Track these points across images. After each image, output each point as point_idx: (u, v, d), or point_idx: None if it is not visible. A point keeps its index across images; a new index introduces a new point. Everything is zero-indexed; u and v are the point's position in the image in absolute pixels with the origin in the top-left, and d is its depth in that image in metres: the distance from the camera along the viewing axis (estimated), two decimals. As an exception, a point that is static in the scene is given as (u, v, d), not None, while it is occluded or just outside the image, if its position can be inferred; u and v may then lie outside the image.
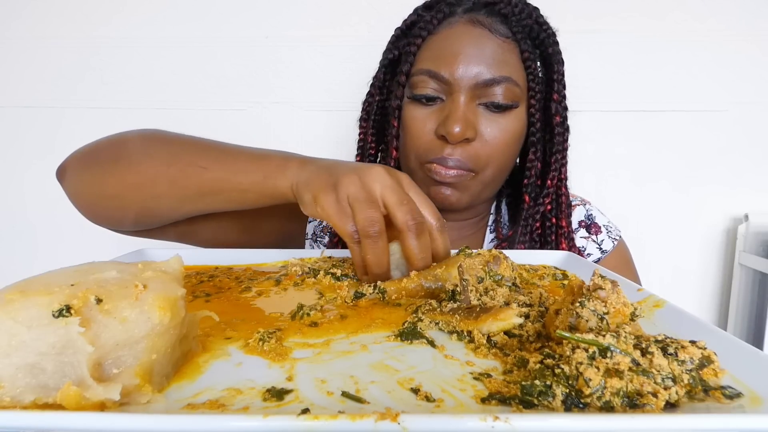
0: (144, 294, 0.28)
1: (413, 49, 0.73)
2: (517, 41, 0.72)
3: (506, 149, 0.72)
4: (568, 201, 0.80)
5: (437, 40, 0.72)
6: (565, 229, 0.78)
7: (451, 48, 0.70)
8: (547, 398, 0.26)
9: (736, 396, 0.27)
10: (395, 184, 0.49)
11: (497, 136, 0.71)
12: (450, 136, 0.68)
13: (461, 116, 0.68)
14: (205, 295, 0.48)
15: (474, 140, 0.70)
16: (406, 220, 0.48)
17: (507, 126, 0.71)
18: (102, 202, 0.65)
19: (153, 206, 0.63)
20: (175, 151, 0.62)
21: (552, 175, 0.77)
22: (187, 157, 0.60)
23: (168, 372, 0.29)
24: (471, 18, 0.72)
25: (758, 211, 1.31)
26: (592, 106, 1.31)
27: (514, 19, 0.72)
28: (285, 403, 0.27)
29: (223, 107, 1.35)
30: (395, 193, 0.49)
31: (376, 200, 0.49)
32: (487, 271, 0.48)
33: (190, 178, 0.59)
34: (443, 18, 0.74)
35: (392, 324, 0.40)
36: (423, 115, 0.72)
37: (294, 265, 0.58)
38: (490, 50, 0.69)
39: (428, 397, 0.27)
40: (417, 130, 0.72)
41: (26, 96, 1.36)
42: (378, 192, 0.49)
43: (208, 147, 0.62)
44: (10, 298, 0.26)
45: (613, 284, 0.33)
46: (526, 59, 0.72)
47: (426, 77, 0.71)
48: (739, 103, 1.31)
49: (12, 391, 0.25)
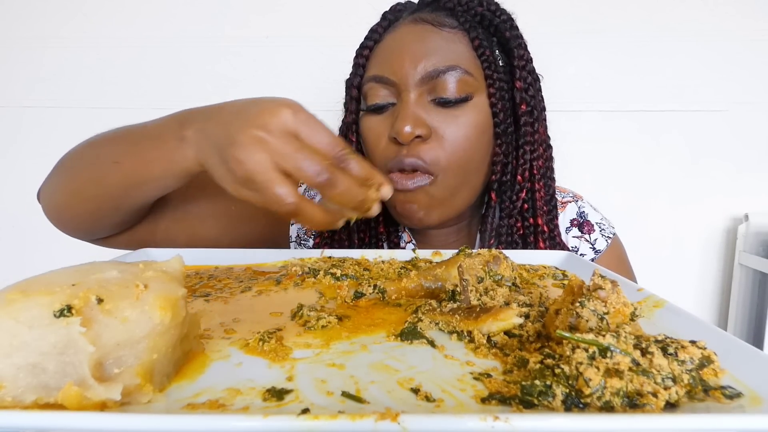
0: (145, 294, 0.28)
1: (362, 61, 0.72)
2: (466, 30, 0.68)
3: (467, 145, 0.67)
4: (549, 198, 0.74)
5: (383, 47, 0.71)
6: (542, 228, 0.72)
7: (395, 48, 0.68)
8: (547, 398, 0.26)
9: (736, 396, 0.27)
10: (283, 133, 0.44)
11: (455, 132, 0.66)
12: (400, 135, 0.64)
13: (410, 114, 0.64)
14: (205, 295, 0.48)
15: (429, 138, 0.65)
16: (314, 177, 0.43)
17: (465, 120, 0.66)
18: (60, 213, 0.65)
19: (95, 209, 0.61)
20: (97, 151, 0.60)
21: (522, 170, 0.71)
22: (105, 153, 0.58)
23: (169, 372, 0.29)
24: (415, 18, 0.70)
25: (758, 211, 1.31)
26: (592, 106, 1.31)
27: (460, 10, 0.69)
28: (285, 403, 0.27)
29: (224, 107, 1.35)
30: (289, 152, 0.43)
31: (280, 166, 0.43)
32: (487, 271, 0.48)
33: (109, 175, 0.57)
34: (389, 25, 0.72)
35: (392, 324, 0.40)
36: (376, 123, 0.70)
37: (294, 265, 0.58)
38: (434, 43, 0.66)
39: (428, 397, 0.27)
40: (373, 139, 0.70)
41: (26, 96, 1.36)
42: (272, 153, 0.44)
43: (121, 138, 0.59)
44: (12, 298, 0.26)
45: (613, 284, 0.33)
46: (477, 47, 0.67)
47: (374, 83, 0.69)
48: (739, 103, 1.31)
49: (13, 391, 0.25)
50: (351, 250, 0.67)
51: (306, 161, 0.43)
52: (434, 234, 0.80)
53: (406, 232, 0.83)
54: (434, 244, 0.81)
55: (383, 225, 0.80)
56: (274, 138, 0.43)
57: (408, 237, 0.83)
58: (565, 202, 0.84)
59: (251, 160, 0.42)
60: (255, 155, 0.43)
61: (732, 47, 1.29)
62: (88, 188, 0.60)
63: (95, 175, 0.59)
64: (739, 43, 1.28)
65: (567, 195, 0.85)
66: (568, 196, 0.85)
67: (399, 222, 0.75)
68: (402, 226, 0.82)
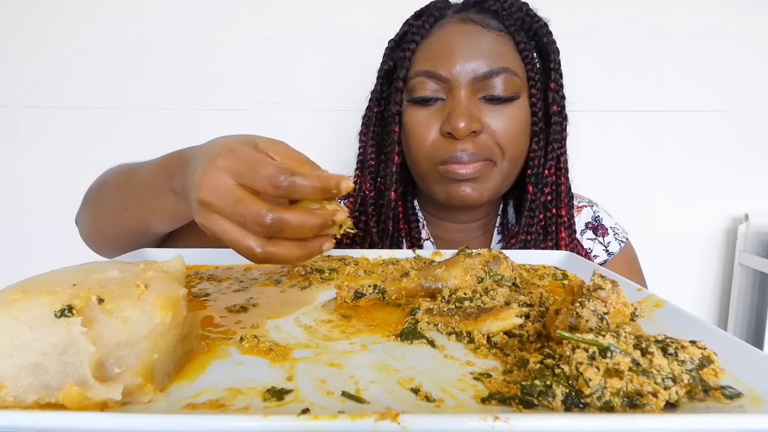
0: (146, 294, 0.28)
1: (408, 54, 0.73)
2: (511, 34, 0.72)
3: (516, 138, 0.72)
4: (569, 191, 0.79)
5: (431, 43, 0.73)
6: (564, 218, 0.77)
7: (446, 47, 0.70)
8: (547, 398, 0.26)
9: (736, 396, 0.27)
10: (225, 189, 0.38)
11: (504, 126, 0.70)
12: (456, 131, 0.67)
13: (464, 110, 0.68)
14: (205, 295, 0.48)
15: (481, 133, 0.70)
16: (263, 227, 0.37)
17: (512, 116, 0.71)
18: (92, 242, 0.72)
19: (120, 241, 0.66)
20: (111, 195, 0.65)
21: (549, 164, 0.76)
22: (117, 200, 0.63)
23: (170, 371, 0.29)
24: (462, 17, 0.73)
25: (758, 211, 1.30)
26: (592, 106, 1.31)
27: (504, 14, 0.73)
28: (285, 403, 0.27)
29: (224, 107, 1.35)
30: (229, 208, 0.38)
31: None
32: (487, 271, 0.48)
33: (125, 219, 0.62)
34: (435, 21, 0.74)
35: (392, 324, 0.40)
36: (425, 117, 0.72)
37: (295, 265, 0.58)
38: (485, 44, 0.70)
39: (428, 397, 0.27)
40: (421, 132, 0.72)
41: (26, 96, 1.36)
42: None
43: (126, 186, 0.61)
44: (13, 298, 0.26)
45: (613, 284, 0.33)
46: (522, 50, 0.72)
47: (424, 78, 0.71)
48: (739, 103, 1.31)
49: (15, 391, 0.25)
50: (351, 249, 0.67)
51: (247, 215, 0.37)
52: (453, 229, 0.84)
53: (425, 230, 0.85)
54: (454, 241, 0.83)
55: (404, 221, 0.82)
56: (220, 196, 0.38)
57: (426, 235, 0.84)
58: (581, 207, 0.87)
59: (210, 224, 0.39)
60: (208, 217, 0.39)
61: (732, 47, 1.28)
62: (109, 228, 0.66)
63: (113, 218, 0.64)
64: (739, 43, 1.28)
65: (583, 200, 0.88)
66: (584, 201, 0.88)
67: (446, 204, 0.77)
68: (422, 224, 0.85)
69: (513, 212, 0.84)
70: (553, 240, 0.76)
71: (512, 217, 0.84)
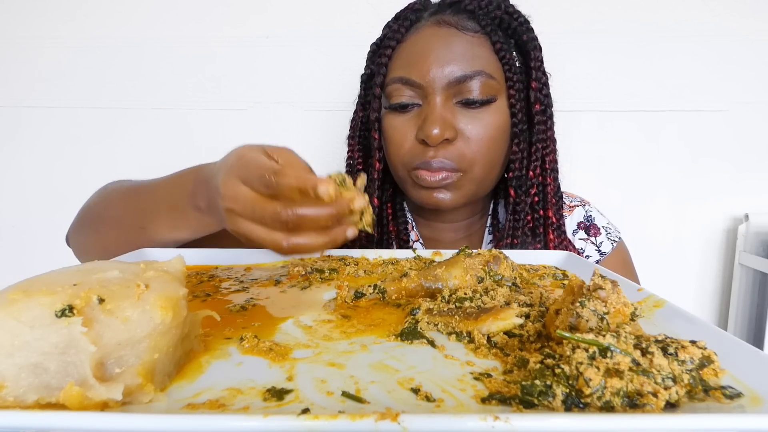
0: (146, 294, 0.28)
1: (384, 60, 0.73)
2: (488, 34, 0.71)
3: (491, 144, 0.71)
4: (557, 192, 0.78)
5: (406, 48, 0.72)
6: (552, 219, 0.75)
7: (420, 52, 0.70)
8: (548, 398, 0.26)
9: (736, 396, 0.27)
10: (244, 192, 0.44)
11: (479, 132, 0.69)
12: (429, 138, 0.67)
13: (438, 117, 0.67)
14: (205, 295, 0.48)
15: (456, 140, 0.69)
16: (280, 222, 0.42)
17: (488, 121, 0.70)
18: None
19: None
20: (119, 214, 0.65)
21: (534, 165, 0.75)
22: (129, 219, 0.63)
23: (170, 371, 0.29)
24: (437, 19, 0.72)
25: (758, 211, 1.30)
26: (592, 106, 1.31)
27: (481, 13, 0.71)
28: (285, 403, 0.27)
29: (224, 107, 1.34)
30: (250, 209, 0.43)
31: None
32: (487, 271, 0.48)
33: (139, 238, 0.62)
34: (410, 25, 0.74)
35: (392, 324, 0.40)
36: (401, 123, 0.72)
37: (295, 265, 0.58)
38: (459, 47, 0.69)
39: (428, 397, 0.27)
40: (398, 139, 0.72)
41: (26, 96, 1.36)
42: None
43: (139, 205, 0.62)
44: (13, 298, 0.26)
45: (613, 284, 0.33)
46: (499, 50, 0.70)
47: (399, 85, 0.71)
48: (739, 103, 1.31)
49: (15, 391, 0.25)
50: (351, 249, 0.67)
51: (266, 215, 0.42)
52: (443, 229, 0.83)
53: (414, 231, 0.84)
54: (443, 241, 0.82)
55: (393, 224, 0.82)
56: (239, 202, 0.44)
57: (415, 236, 0.84)
58: (573, 206, 0.86)
59: (238, 228, 0.44)
60: (236, 222, 0.44)
61: (732, 47, 1.28)
62: (121, 247, 0.64)
63: (125, 238, 0.63)
64: (739, 43, 1.28)
65: (575, 200, 0.87)
66: (576, 200, 0.87)
67: (424, 207, 0.77)
68: (411, 225, 0.85)
69: (503, 211, 0.84)
70: (541, 242, 0.76)
71: (503, 217, 0.84)
